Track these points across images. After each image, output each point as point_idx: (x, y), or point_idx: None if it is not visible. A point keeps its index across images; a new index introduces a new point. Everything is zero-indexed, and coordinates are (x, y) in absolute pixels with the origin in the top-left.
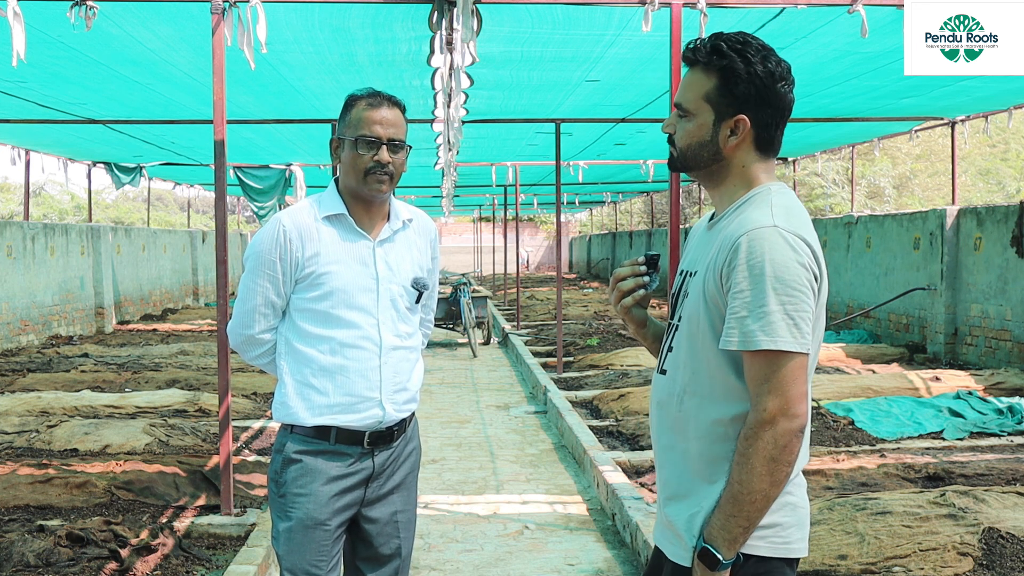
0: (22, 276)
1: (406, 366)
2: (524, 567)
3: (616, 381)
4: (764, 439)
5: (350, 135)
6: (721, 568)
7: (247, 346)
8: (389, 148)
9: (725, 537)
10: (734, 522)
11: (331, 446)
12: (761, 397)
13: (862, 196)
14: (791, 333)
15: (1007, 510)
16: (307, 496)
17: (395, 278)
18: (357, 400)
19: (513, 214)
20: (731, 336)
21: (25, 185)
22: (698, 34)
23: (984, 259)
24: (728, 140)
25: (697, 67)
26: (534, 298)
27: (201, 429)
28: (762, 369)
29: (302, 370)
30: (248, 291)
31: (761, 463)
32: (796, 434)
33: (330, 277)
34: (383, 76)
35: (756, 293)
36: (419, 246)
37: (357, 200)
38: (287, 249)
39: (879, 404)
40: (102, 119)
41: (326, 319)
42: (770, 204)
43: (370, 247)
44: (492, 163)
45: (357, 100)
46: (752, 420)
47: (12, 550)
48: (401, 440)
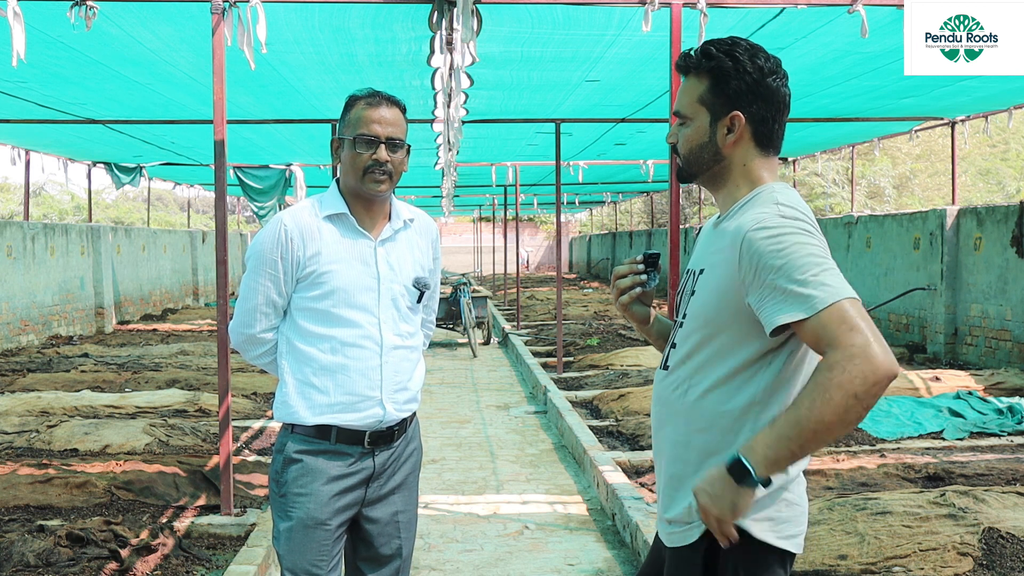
0: (22, 276)
1: (407, 366)
2: (524, 567)
3: (616, 381)
4: (853, 372)
5: (349, 134)
6: (747, 484)
7: (248, 345)
8: (388, 147)
9: (767, 455)
10: (784, 444)
11: (332, 446)
12: (842, 336)
13: (862, 196)
14: (837, 281)
15: (1007, 510)
16: (308, 496)
17: (396, 277)
18: (358, 399)
19: (513, 214)
20: (784, 310)
21: (25, 185)
22: (698, 34)
23: (984, 259)
24: (726, 138)
25: (690, 74)
26: (534, 298)
27: (201, 429)
28: (831, 325)
29: (303, 369)
30: (249, 290)
31: (841, 396)
32: (887, 378)
33: (331, 276)
34: (383, 76)
35: (788, 267)
36: (420, 246)
37: (358, 199)
38: (288, 248)
39: (879, 404)
40: (102, 119)
41: (327, 318)
42: (775, 201)
43: (371, 246)
44: (492, 163)
45: (356, 100)
46: (839, 356)
47: (12, 550)
48: (402, 440)
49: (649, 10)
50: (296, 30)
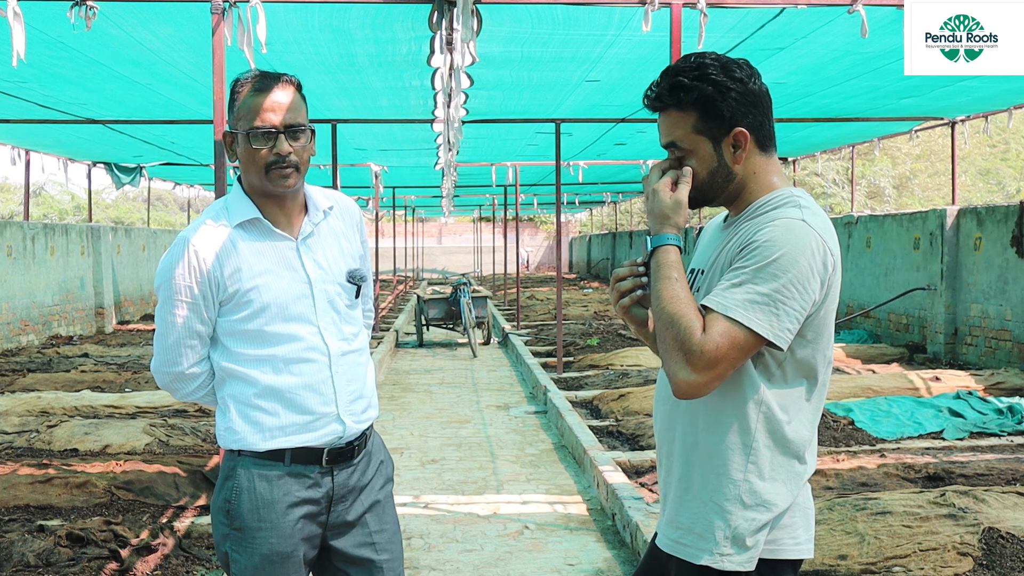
0: (22, 276)
1: (358, 371)
2: (524, 567)
3: (616, 381)
4: (676, 342)
5: (242, 128)
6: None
7: (178, 384)
8: (288, 136)
9: (668, 263)
10: (657, 280)
11: (287, 467)
12: (709, 343)
13: (862, 196)
14: (769, 321)
15: (1007, 510)
16: (268, 529)
17: (328, 276)
18: (313, 418)
19: (513, 214)
20: (715, 296)
21: (25, 185)
22: (698, 34)
23: (984, 259)
24: (735, 156)
25: (668, 110)
26: (534, 298)
27: (201, 429)
28: (718, 327)
29: (245, 392)
30: (167, 325)
31: (662, 327)
32: (676, 382)
33: (258, 292)
34: (383, 76)
35: (757, 272)
36: (345, 234)
37: (267, 198)
38: (201, 271)
39: (879, 404)
40: (102, 119)
41: (262, 338)
42: (799, 206)
43: (293, 248)
44: (492, 163)
45: (242, 85)
46: (696, 339)
47: (12, 550)
48: (363, 457)
49: (649, 10)
50: (296, 30)
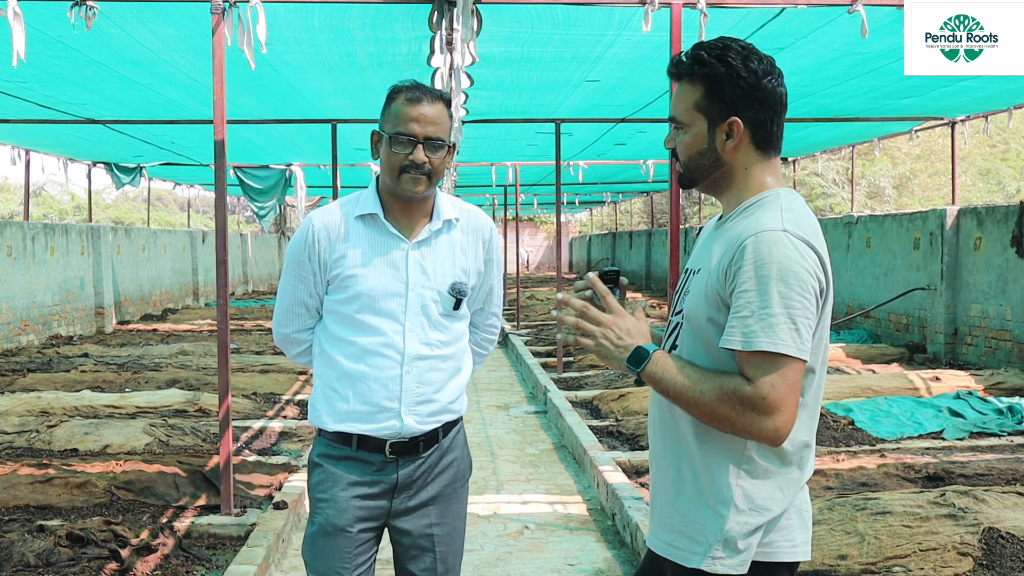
0: (22, 276)
1: (435, 376)
2: (524, 567)
3: (616, 381)
4: (750, 420)
5: (388, 131)
6: (629, 366)
7: (285, 344)
8: (427, 147)
9: (658, 376)
10: (670, 386)
11: (353, 452)
12: (763, 386)
13: (862, 196)
14: (792, 337)
15: (1007, 510)
16: (328, 501)
17: (430, 283)
18: (375, 410)
19: (513, 214)
20: (733, 335)
21: (25, 185)
22: (698, 34)
23: (984, 259)
24: (725, 144)
25: (683, 80)
26: (534, 298)
27: (201, 429)
28: (760, 369)
29: (328, 373)
30: (283, 290)
31: (724, 415)
32: (768, 442)
33: (356, 280)
34: (383, 76)
35: (761, 294)
36: (465, 247)
37: (395, 199)
38: (316, 249)
39: (879, 404)
40: (102, 119)
41: (351, 323)
42: (780, 208)
43: (404, 249)
44: (492, 163)
45: (398, 93)
46: (749, 392)
47: (12, 550)
48: (434, 451)
49: (649, 10)
50: (296, 30)
